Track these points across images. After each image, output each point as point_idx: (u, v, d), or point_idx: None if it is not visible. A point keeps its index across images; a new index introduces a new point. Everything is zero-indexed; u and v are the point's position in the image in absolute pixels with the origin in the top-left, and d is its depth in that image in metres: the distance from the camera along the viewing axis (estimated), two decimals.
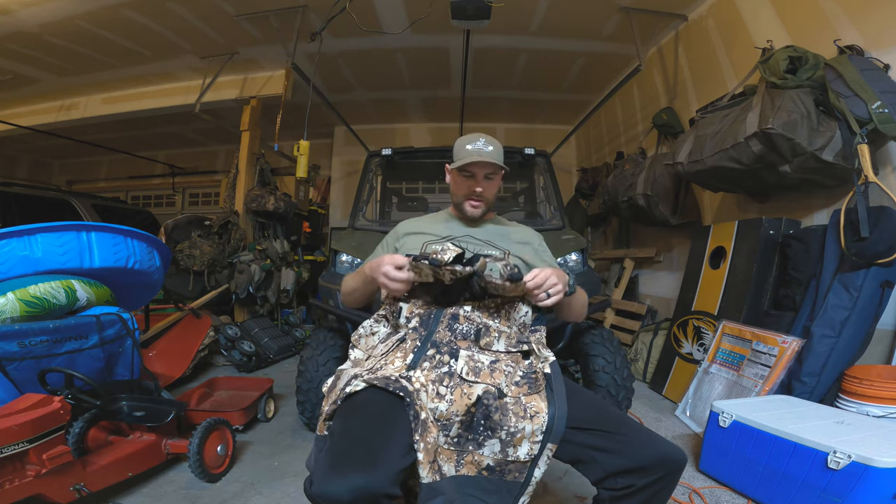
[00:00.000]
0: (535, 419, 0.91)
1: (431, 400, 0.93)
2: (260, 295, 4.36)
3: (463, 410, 0.91)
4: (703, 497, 1.69)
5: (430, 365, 1.00)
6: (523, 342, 1.08)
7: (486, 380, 0.97)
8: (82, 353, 1.82)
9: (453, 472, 0.88)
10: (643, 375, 3.30)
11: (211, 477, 1.78)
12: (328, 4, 3.35)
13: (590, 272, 2.48)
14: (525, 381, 0.99)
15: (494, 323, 1.09)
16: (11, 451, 1.28)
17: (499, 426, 0.90)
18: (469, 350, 1.03)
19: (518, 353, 1.07)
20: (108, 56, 4.37)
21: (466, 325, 1.07)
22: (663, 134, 3.89)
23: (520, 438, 0.89)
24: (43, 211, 3.86)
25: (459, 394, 0.94)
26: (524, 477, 0.90)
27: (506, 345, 1.07)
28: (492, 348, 1.05)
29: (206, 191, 7.63)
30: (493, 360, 1.02)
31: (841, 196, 2.19)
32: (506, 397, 0.94)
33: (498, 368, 1.00)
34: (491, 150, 1.32)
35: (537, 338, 1.10)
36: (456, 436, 0.91)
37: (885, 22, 2.14)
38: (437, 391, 0.95)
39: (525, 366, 1.04)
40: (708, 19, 3.45)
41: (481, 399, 0.92)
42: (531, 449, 0.90)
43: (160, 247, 2.31)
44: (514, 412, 0.92)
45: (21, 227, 1.83)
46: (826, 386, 2.01)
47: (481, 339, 1.05)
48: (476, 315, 1.09)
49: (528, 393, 0.97)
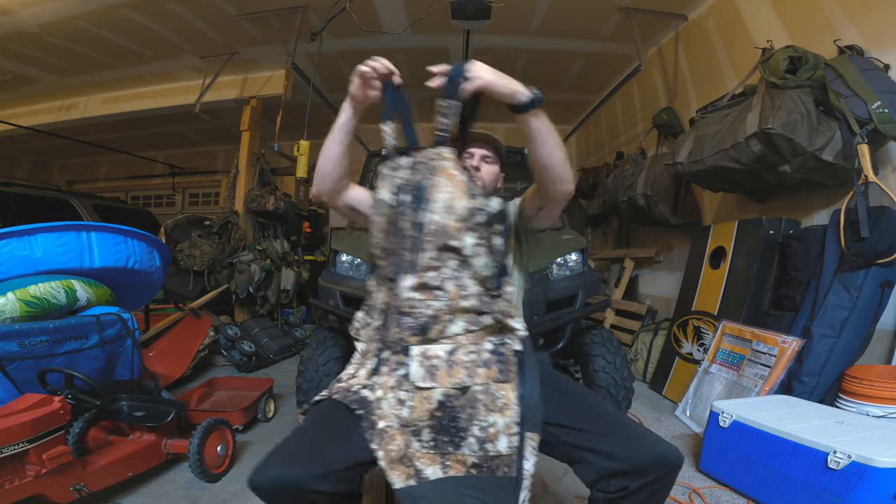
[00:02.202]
0: (506, 412, 0.86)
1: (394, 407, 0.88)
2: (260, 295, 4.36)
3: (426, 416, 0.87)
4: (703, 497, 1.69)
5: (388, 369, 0.92)
6: (485, 312, 0.92)
7: (443, 381, 0.88)
8: (82, 353, 1.82)
9: (440, 475, 0.85)
10: (643, 375, 3.30)
11: (211, 477, 1.78)
12: (328, 4, 3.35)
13: (590, 272, 2.48)
14: (495, 362, 0.90)
15: (442, 302, 0.91)
16: (11, 451, 1.28)
17: (469, 424, 0.85)
18: (420, 345, 0.91)
19: (481, 330, 0.93)
20: (108, 56, 4.37)
21: (412, 315, 0.92)
22: (663, 134, 3.89)
23: (494, 433, 0.85)
24: (43, 211, 3.86)
25: (419, 399, 0.88)
26: (514, 471, 0.86)
27: (464, 324, 0.92)
28: (446, 334, 0.91)
29: (206, 191, 7.63)
30: (451, 350, 0.90)
31: (841, 196, 2.19)
32: (472, 388, 0.88)
33: (457, 361, 0.89)
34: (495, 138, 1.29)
35: (502, 306, 0.94)
36: (430, 439, 0.87)
37: (885, 22, 2.14)
38: (399, 397, 0.89)
39: (493, 341, 0.92)
40: (708, 19, 3.45)
41: (443, 403, 0.86)
42: (511, 441, 0.86)
43: (160, 247, 2.31)
44: (483, 404, 0.87)
45: (21, 227, 1.83)
46: (826, 386, 2.01)
47: (430, 331, 0.91)
48: (419, 299, 0.91)
49: (497, 379, 0.89)
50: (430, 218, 0.91)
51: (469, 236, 0.92)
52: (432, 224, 0.91)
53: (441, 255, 0.91)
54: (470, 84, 0.91)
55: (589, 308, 2.35)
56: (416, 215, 0.93)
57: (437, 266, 0.91)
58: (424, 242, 0.91)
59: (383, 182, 1.03)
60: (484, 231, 0.93)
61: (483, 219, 0.93)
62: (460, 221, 0.91)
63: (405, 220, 0.94)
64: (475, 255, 0.92)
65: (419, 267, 0.91)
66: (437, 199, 0.91)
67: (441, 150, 0.95)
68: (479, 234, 0.93)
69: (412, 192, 0.95)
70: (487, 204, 0.94)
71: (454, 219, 0.91)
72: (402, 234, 0.93)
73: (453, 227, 0.91)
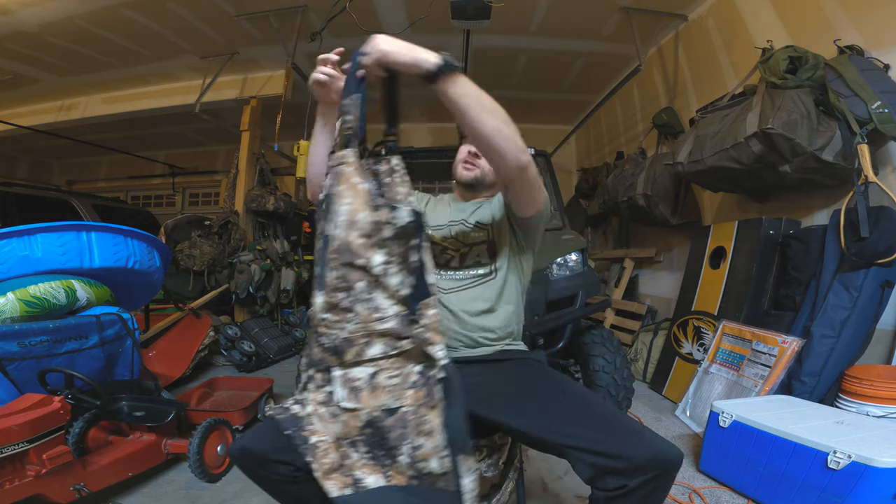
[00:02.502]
0: (432, 437, 0.81)
1: (328, 422, 0.86)
2: (260, 295, 4.35)
3: (356, 433, 0.84)
4: (703, 497, 1.69)
5: (315, 386, 0.89)
6: (403, 337, 0.82)
7: (367, 403, 0.82)
8: (82, 353, 1.82)
9: (382, 483, 0.83)
10: (643, 375, 3.30)
11: (211, 477, 1.78)
12: (328, 4, 3.35)
13: (590, 272, 2.48)
14: (423, 384, 0.83)
15: (354, 325, 0.82)
16: (11, 451, 1.28)
17: (400, 443, 0.81)
18: (341, 368, 0.85)
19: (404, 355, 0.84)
20: (108, 56, 4.37)
21: (328, 336, 0.84)
22: (663, 134, 3.89)
23: (423, 455, 0.81)
24: (43, 211, 3.86)
25: (348, 416, 0.84)
26: (454, 486, 0.81)
27: (383, 348, 0.83)
28: (365, 358, 0.83)
29: (206, 191, 7.63)
30: (373, 373, 0.83)
31: (841, 196, 2.19)
32: (400, 409, 0.82)
33: (379, 385, 0.82)
34: None
35: (419, 331, 0.82)
36: (367, 451, 0.85)
37: (885, 22, 2.14)
38: (331, 412, 0.86)
39: (419, 364, 0.84)
40: (708, 19, 3.45)
41: (371, 423, 0.83)
42: (442, 462, 0.81)
43: (160, 247, 2.31)
44: (413, 424, 0.81)
45: (21, 227, 1.83)
46: (826, 386, 2.01)
47: (345, 355, 0.83)
48: (332, 320, 0.83)
49: (424, 403, 0.82)
50: (334, 233, 0.82)
51: (378, 254, 0.80)
52: (335, 240, 0.81)
53: (346, 275, 0.81)
54: (367, 59, 0.83)
55: (589, 308, 2.35)
56: (325, 227, 0.85)
57: (345, 286, 0.81)
58: (330, 260, 0.82)
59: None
60: (394, 247, 0.81)
61: (391, 233, 0.80)
62: (364, 237, 0.80)
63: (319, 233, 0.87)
64: (386, 274, 0.81)
65: (327, 286, 0.82)
66: (339, 212, 0.81)
67: (345, 152, 0.84)
68: (388, 251, 0.81)
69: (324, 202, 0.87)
70: (394, 216, 0.81)
71: (357, 234, 0.80)
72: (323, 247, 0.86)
73: (357, 244, 0.80)
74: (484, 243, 1.19)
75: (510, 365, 1.15)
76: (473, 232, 1.20)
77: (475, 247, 1.19)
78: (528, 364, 1.15)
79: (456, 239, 1.20)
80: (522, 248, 1.23)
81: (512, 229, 1.20)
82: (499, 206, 1.21)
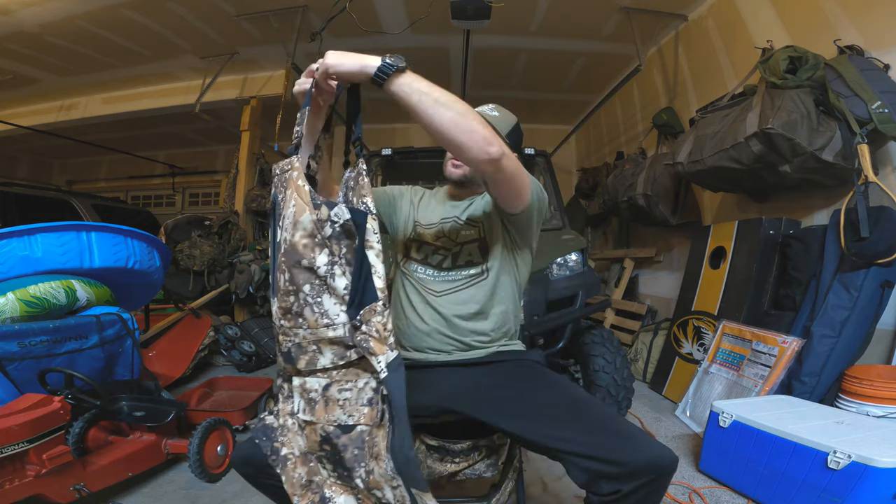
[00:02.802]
0: (379, 461, 0.76)
1: (295, 434, 0.85)
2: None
3: (317, 448, 0.82)
4: (703, 497, 1.69)
5: (283, 396, 0.87)
6: (351, 347, 0.79)
7: (321, 417, 0.80)
8: (82, 353, 1.82)
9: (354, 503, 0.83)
10: (643, 375, 3.30)
11: (211, 477, 1.78)
12: (328, 4, 3.35)
13: (590, 272, 2.48)
14: (377, 402, 0.79)
15: (304, 330, 0.80)
16: (11, 451, 1.28)
17: (355, 465, 0.78)
18: (299, 377, 0.82)
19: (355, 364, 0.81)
20: (108, 56, 4.37)
21: (285, 344, 0.83)
22: (663, 134, 3.89)
23: (374, 482, 0.77)
24: (43, 211, 3.86)
25: (309, 430, 0.82)
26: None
27: (332, 357, 0.79)
28: (317, 367, 0.80)
29: (206, 191, 7.63)
30: (326, 385, 0.80)
31: (841, 196, 2.19)
32: (356, 428, 0.78)
33: (331, 398, 0.79)
34: (496, 115, 1.16)
35: (360, 338, 0.77)
36: (332, 469, 0.83)
37: (885, 22, 2.14)
38: (298, 424, 0.85)
39: (374, 378, 0.80)
40: (708, 19, 3.45)
41: (327, 439, 0.80)
42: (395, 494, 0.76)
43: (160, 247, 2.31)
44: (368, 446, 0.78)
45: (21, 227, 1.83)
46: (826, 386, 2.01)
47: (297, 362, 0.81)
48: (287, 326, 0.81)
49: (376, 423, 0.78)
50: (282, 236, 0.80)
51: (321, 254, 0.78)
52: (284, 242, 0.80)
53: (295, 277, 0.79)
54: (317, 73, 0.83)
55: (589, 308, 2.35)
56: (275, 233, 0.85)
57: (293, 289, 0.80)
58: (280, 264, 0.81)
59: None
60: (336, 246, 0.79)
61: (331, 231, 0.78)
62: (308, 237, 0.78)
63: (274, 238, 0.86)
64: (331, 275, 0.78)
65: (279, 290, 0.81)
66: (287, 215, 0.80)
67: (291, 159, 0.84)
68: (331, 250, 0.78)
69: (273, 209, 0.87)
70: (335, 213, 0.79)
71: (301, 234, 0.78)
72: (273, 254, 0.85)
73: (301, 243, 0.78)
74: (475, 241, 1.16)
75: (505, 366, 1.13)
76: (464, 230, 1.18)
77: (466, 245, 1.17)
78: (523, 365, 1.14)
79: (448, 237, 1.18)
80: (517, 245, 1.18)
81: (504, 226, 1.16)
82: (490, 201, 1.17)
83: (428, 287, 1.17)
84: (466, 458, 1.15)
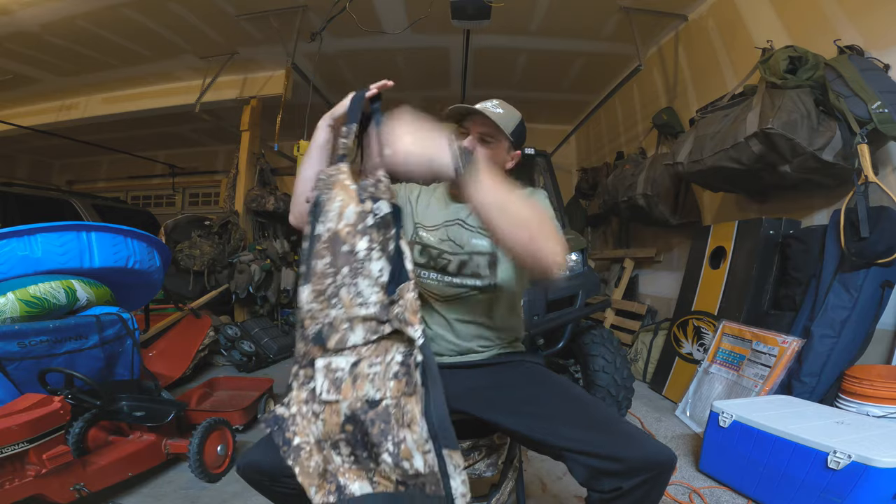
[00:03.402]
0: (413, 427, 0.79)
1: (310, 422, 0.85)
2: (260, 295, 4.36)
3: (337, 430, 0.82)
4: (703, 497, 1.69)
5: (298, 384, 0.88)
6: (384, 321, 0.85)
7: (348, 394, 0.82)
8: (82, 353, 1.82)
9: (368, 490, 0.82)
10: (643, 375, 3.30)
11: (211, 477, 1.78)
12: (328, 4, 3.35)
13: (590, 272, 2.48)
14: (404, 374, 0.83)
15: (338, 310, 0.86)
16: (11, 451, 1.28)
17: (382, 439, 0.79)
18: (324, 357, 0.85)
19: (386, 339, 0.86)
20: (108, 56, 4.37)
21: (312, 326, 0.86)
22: (663, 134, 3.89)
23: (406, 451, 0.78)
24: (43, 211, 3.86)
25: (329, 412, 0.83)
26: (442, 490, 0.78)
27: (364, 333, 0.85)
28: (347, 345, 0.85)
29: (206, 191, 7.63)
30: (355, 362, 0.84)
31: (841, 196, 2.19)
32: (382, 402, 0.81)
33: (360, 374, 0.83)
34: (500, 112, 1.11)
35: (398, 311, 0.84)
36: (349, 454, 0.83)
37: (885, 22, 2.14)
38: (312, 410, 0.85)
39: (403, 352, 0.84)
40: (708, 19, 3.45)
41: (351, 417, 0.81)
42: (426, 459, 0.78)
43: (160, 247, 2.31)
44: (395, 418, 0.80)
45: (21, 227, 1.83)
46: (826, 386, 2.01)
47: (328, 341, 0.85)
48: (317, 309, 0.86)
49: (405, 392, 0.81)
50: (324, 227, 0.88)
51: (362, 240, 0.86)
52: (327, 231, 0.87)
53: (336, 260, 0.86)
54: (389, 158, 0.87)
55: (589, 308, 2.35)
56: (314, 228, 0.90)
57: (332, 272, 0.86)
58: (319, 251, 0.87)
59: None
60: (375, 234, 0.87)
61: (372, 221, 0.87)
62: (351, 226, 0.87)
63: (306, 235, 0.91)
64: (368, 259, 0.86)
65: (316, 275, 0.87)
66: (332, 209, 0.88)
67: (339, 165, 0.93)
68: (370, 238, 0.87)
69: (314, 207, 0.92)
70: (377, 206, 0.88)
71: (344, 224, 0.87)
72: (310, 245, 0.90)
73: (345, 231, 0.87)
74: (486, 255, 1.14)
75: (507, 367, 1.14)
76: (474, 237, 1.15)
77: (476, 256, 1.14)
78: (525, 366, 1.14)
79: (454, 241, 1.16)
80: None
81: None
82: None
83: (432, 292, 1.16)
84: (466, 457, 1.15)
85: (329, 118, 1.02)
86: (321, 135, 1.03)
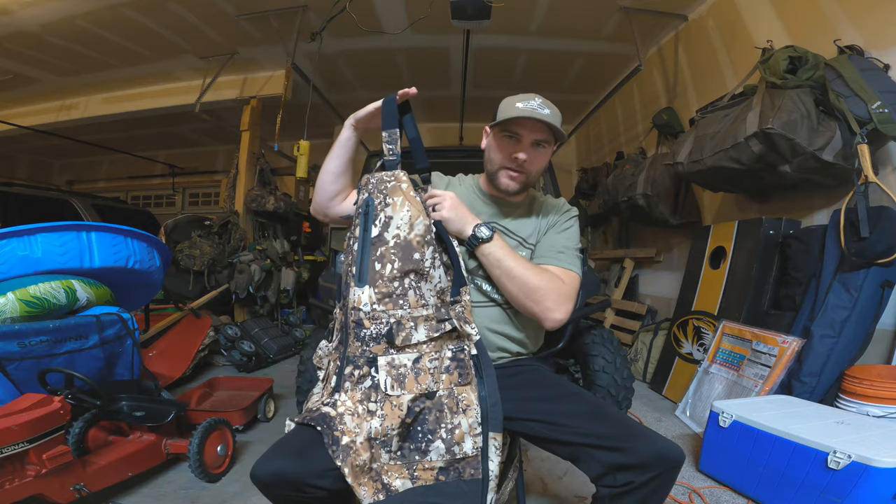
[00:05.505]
0: (468, 412, 0.92)
1: (364, 420, 0.88)
2: (260, 295, 4.36)
3: (397, 424, 0.88)
4: (703, 497, 1.69)
5: (352, 384, 0.93)
6: (444, 320, 0.95)
7: (412, 388, 0.90)
8: (82, 353, 1.82)
9: (409, 486, 0.88)
10: (643, 375, 3.30)
11: (211, 477, 1.78)
12: (328, 4, 3.35)
13: (590, 272, 2.48)
14: (455, 367, 0.94)
15: (404, 310, 0.94)
16: (11, 451, 1.28)
17: (437, 427, 0.90)
18: (386, 355, 0.92)
19: (442, 337, 0.95)
20: (108, 56, 4.37)
21: (374, 326, 0.93)
22: (663, 134, 3.89)
23: (460, 435, 0.90)
24: (43, 211, 3.86)
25: (389, 408, 0.89)
26: (480, 472, 0.90)
27: (426, 331, 0.94)
28: (411, 342, 0.93)
29: (206, 191, 7.63)
30: (416, 358, 0.92)
31: (841, 196, 2.19)
32: (438, 393, 0.92)
33: (422, 368, 0.92)
34: (548, 112, 1.09)
35: (458, 311, 0.98)
36: (398, 449, 0.89)
37: (885, 22, 2.14)
38: (367, 408, 0.90)
39: (452, 348, 0.96)
40: (708, 19, 3.45)
41: (412, 408, 0.90)
42: (475, 442, 0.91)
43: (160, 247, 2.31)
44: (448, 407, 0.91)
45: (21, 227, 1.83)
46: (826, 386, 2.01)
47: (396, 338, 0.92)
48: (380, 310, 0.93)
49: (458, 383, 0.94)
50: (389, 233, 0.97)
51: (428, 250, 0.98)
52: (394, 238, 0.97)
53: (405, 266, 0.95)
54: (435, 214, 1.04)
55: (589, 308, 2.35)
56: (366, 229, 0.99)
57: (400, 276, 0.95)
58: (385, 255, 0.95)
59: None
60: (436, 246, 1.00)
61: (432, 235, 1.01)
62: (420, 236, 0.98)
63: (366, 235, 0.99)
64: (433, 267, 0.98)
65: (383, 278, 0.95)
66: (397, 216, 0.98)
67: (397, 173, 1.03)
68: (434, 249, 0.99)
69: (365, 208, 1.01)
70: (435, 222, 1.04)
71: (415, 234, 0.98)
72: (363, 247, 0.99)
73: (416, 240, 0.97)
74: None
75: (521, 370, 1.16)
76: (510, 243, 1.16)
77: None
78: (538, 370, 1.18)
79: None
80: None
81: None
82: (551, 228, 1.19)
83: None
84: None
85: (353, 118, 1.11)
86: (344, 133, 1.13)
